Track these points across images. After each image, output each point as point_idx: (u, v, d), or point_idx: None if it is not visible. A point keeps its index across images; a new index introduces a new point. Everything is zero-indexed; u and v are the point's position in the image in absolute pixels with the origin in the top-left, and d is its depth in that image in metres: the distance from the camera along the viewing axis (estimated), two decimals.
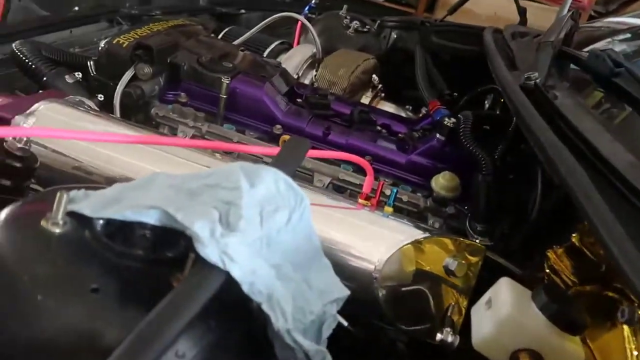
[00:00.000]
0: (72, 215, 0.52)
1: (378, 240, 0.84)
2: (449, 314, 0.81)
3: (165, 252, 0.53)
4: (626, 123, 0.84)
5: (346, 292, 0.61)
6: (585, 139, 0.72)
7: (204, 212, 0.50)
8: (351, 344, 0.87)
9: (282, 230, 0.56)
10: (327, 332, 0.58)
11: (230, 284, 0.48)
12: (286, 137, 1.00)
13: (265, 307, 0.50)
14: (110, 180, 0.84)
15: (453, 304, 0.84)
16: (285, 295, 0.52)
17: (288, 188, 0.57)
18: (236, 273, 0.48)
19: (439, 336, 0.76)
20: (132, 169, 0.86)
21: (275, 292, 0.51)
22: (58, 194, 0.50)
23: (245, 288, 0.49)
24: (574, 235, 0.76)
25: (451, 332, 0.76)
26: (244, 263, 0.49)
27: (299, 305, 0.56)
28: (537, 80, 0.91)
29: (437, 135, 1.10)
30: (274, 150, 0.72)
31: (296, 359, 0.52)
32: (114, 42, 1.12)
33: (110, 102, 1.12)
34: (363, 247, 0.83)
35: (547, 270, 0.83)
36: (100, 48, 1.15)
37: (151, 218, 0.51)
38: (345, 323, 0.76)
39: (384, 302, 0.83)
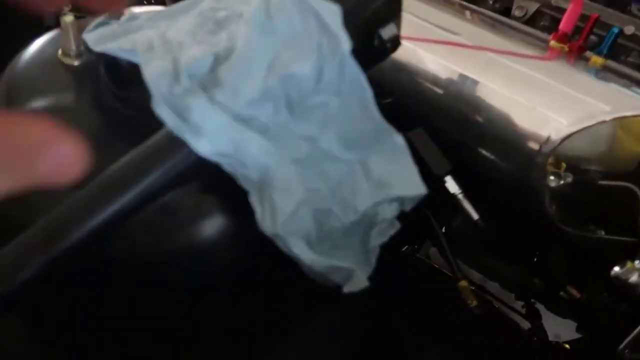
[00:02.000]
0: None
1: (563, 108, 0.55)
2: None
3: None
4: None
5: (420, 190, 0.41)
6: None
7: (190, 57, 0.36)
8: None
9: (307, 88, 0.37)
10: (377, 240, 0.40)
11: None
12: None
13: (251, 199, 0.35)
14: None
15: None
16: (291, 187, 0.35)
17: (320, 26, 0.36)
18: (201, 147, 0.34)
19: (616, 269, 0.49)
20: None
21: (273, 181, 0.35)
22: (62, 19, 0.42)
23: (224, 165, 0.35)
24: None
25: None
26: (216, 133, 0.34)
27: (342, 197, 0.40)
28: None
29: None
30: None
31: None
32: None
33: None
34: (536, 116, 0.55)
35: None
36: None
37: (135, 58, 0.39)
38: (476, 216, 0.56)
39: (550, 199, 0.56)
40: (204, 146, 0.34)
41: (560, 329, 0.75)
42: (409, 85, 0.62)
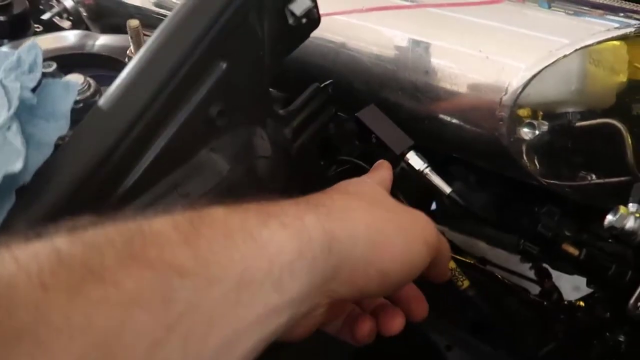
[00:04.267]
0: None
1: (518, 51, 0.49)
2: None
3: None
4: None
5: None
6: None
7: None
8: None
9: None
10: None
11: None
12: None
13: None
14: None
15: None
16: None
17: None
18: None
19: (609, 218, 0.43)
20: None
21: None
22: None
23: None
24: None
25: (638, 212, 0.42)
26: None
27: None
28: None
29: None
30: None
31: None
32: None
33: None
34: (490, 66, 0.50)
35: None
36: None
37: None
38: (448, 190, 0.51)
39: (529, 153, 0.51)
40: None
41: (578, 281, 0.70)
42: (351, 64, 0.56)
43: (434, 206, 0.74)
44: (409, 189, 0.58)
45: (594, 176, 0.54)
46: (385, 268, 0.29)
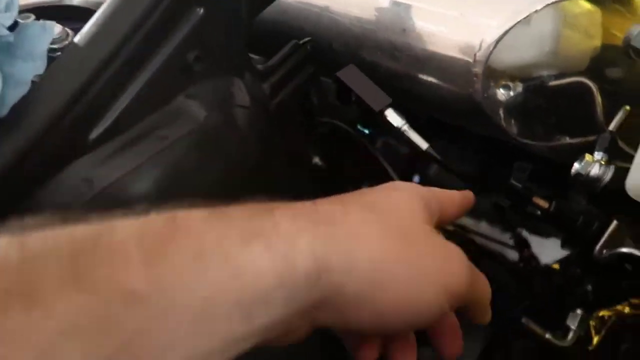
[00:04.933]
0: None
1: (490, 9, 0.50)
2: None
3: None
4: None
5: None
6: None
7: None
8: None
9: None
10: None
11: None
12: None
13: None
14: None
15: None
16: None
17: None
18: None
19: (575, 166, 0.44)
20: None
21: None
22: None
23: None
24: None
25: (603, 160, 0.44)
26: None
27: None
28: None
29: None
30: None
31: None
32: None
33: None
34: (463, 24, 0.51)
35: None
36: None
37: None
38: (425, 145, 0.52)
39: (505, 114, 0.52)
40: None
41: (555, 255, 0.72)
42: (333, 27, 0.57)
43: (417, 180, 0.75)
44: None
45: (567, 137, 0.56)
46: (381, 311, 0.25)
